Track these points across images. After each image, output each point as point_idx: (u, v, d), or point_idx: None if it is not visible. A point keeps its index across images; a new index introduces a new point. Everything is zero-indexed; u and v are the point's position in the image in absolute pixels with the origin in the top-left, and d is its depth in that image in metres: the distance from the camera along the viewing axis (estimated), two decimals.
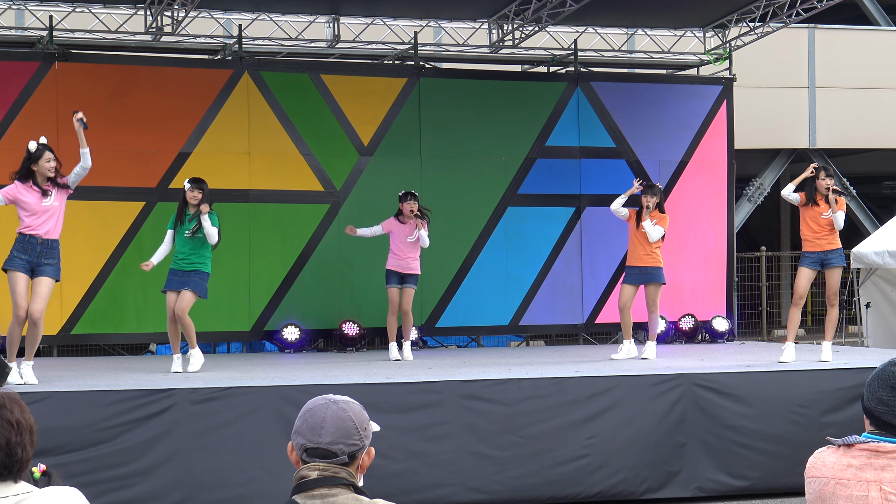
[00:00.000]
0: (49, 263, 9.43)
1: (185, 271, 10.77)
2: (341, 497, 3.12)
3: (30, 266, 9.39)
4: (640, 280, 12.28)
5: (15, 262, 9.38)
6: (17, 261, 9.37)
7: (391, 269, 12.39)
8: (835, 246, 11.28)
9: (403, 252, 12.36)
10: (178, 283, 10.79)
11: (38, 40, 14.30)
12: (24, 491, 3.07)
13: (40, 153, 9.50)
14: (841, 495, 3.28)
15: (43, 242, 9.41)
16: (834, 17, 21.30)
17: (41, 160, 9.47)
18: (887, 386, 3.30)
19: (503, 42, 15.62)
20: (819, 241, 11.26)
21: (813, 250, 11.28)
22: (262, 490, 8.99)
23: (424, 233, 12.29)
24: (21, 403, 3.12)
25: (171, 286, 10.84)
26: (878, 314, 17.04)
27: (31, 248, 9.38)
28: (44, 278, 9.42)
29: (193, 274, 10.78)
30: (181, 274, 10.78)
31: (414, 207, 12.34)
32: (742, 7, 15.07)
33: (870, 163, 24.06)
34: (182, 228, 10.82)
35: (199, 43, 15.07)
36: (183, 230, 10.81)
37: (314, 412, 3.21)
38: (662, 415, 9.95)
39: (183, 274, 10.78)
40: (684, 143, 15.86)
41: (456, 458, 9.47)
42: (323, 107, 14.59)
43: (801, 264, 11.37)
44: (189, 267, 10.78)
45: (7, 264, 9.44)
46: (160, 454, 8.91)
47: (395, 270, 12.37)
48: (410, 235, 12.33)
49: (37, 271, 9.42)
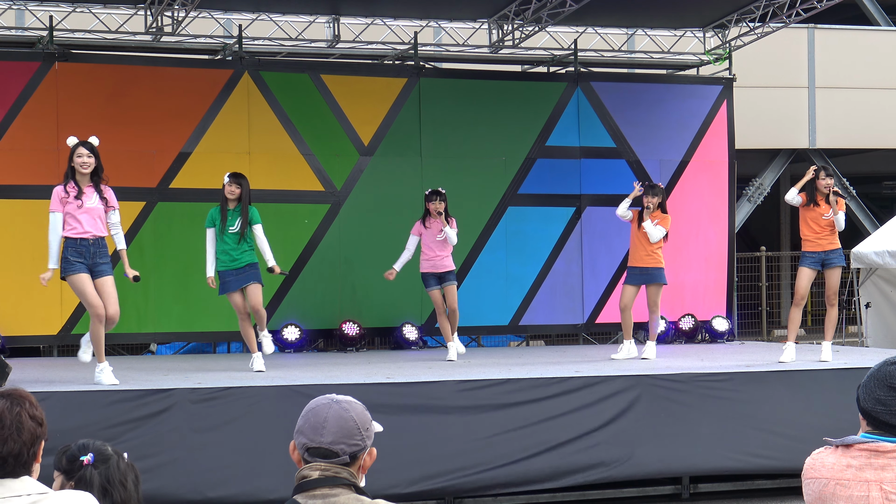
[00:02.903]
0: (105, 262, 9.38)
1: (240, 268, 10.72)
2: (342, 497, 3.12)
3: (87, 268, 9.30)
4: (641, 280, 12.27)
5: (75, 266, 9.27)
6: (76, 265, 9.27)
7: (427, 271, 12.36)
8: (835, 246, 11.28)
9: (434, 251, 12.35)
10: (239, 281, 10.73)
11: (38, 40, 14.30)
12: (39, 491, 3.08)
13: (74, 150, 9.46)
14: (841, 496, 3.28)
15: (94, 242, 9.34)
16: (834, 17, 21.29)
17: (73, 155, 9.42)
18: (884, 385, 3.29)
19: (503, 42, 15.62)
20: (820, 242, 11.26)
21: (814, 250, 11.28)
22: (263, 490, 8.98)
23: (450, 230, 12.30)
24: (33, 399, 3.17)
25: (233, 287, 10.74)
26: (878, 314, 17.04)
27: (85, 250, 9.32)
28: (107, 278, 9.36)
29: (248, 268, 10.76)
30: (237, 272, 10.72)
31: (440, 207, 12.31)
32: (742, 7, 15.07)
33: (870, 163, 24.05)
34: (227, 226, 10.72)
35: (199, 43, 15.07)
36: (227, 227, 10.71)
37: (316, 412, 3.21)
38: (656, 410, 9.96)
39: (239, 271, 10.72)
40: (684, 143, 15.87)
41: (456, 457, 9.47)
42: (323, 107, 14.59)
43: (801, 264, 11.36)
44: (242, 263, 10.74)
45: (66, 271, 9.30)
46: (160, 454, 8.91)
47: (430, 272, 12.35)
48: (439, 234, 12.33)
49: (96, 272, 9.34)
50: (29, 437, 3.07)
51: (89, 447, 3.43)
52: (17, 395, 3.13)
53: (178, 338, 14.28)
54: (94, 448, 3.42)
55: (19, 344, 13.45)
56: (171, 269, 13.79)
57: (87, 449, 3.42)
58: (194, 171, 13.98)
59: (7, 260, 13.31)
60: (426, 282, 12.40)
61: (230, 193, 10.76)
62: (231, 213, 10.77)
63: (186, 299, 13.84)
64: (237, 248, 10.74)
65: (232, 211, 10.77)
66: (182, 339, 14.39)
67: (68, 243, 9.32)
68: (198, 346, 14.62)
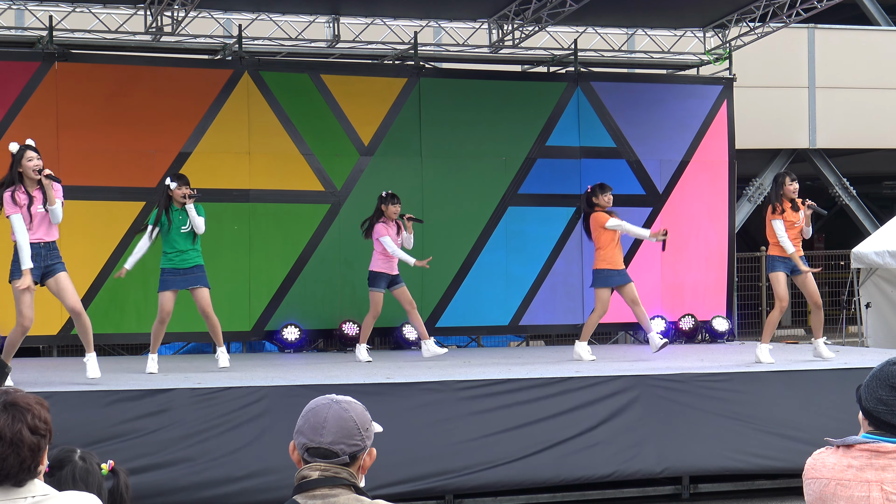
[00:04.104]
0: (58, 261, 9.29)
1: (186, 268, 10.60)
2: (342, 497, 3.12)
3: (40, 273, 9.23)
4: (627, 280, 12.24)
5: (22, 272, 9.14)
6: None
7: (382, 271, 12.28)
8: (801, 252, 11.37)
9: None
10: (182, 281, 10.62)
11: (38, 40, 14.30)
12: (42, 493, 3.07)
13: (21, 153, 9.17)
14: (842, 496, 3.28)
15: (46, 246, 9.26)
16: (834, 17, 21.28)
17: (23, 160, 9.14)
18: (886, 385, 3.29)
19: (503, 42, 15.62)
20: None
21: (785, 257, 11.30)
22: (263, 490, 8.98)
23: (409, 235, 12.36)
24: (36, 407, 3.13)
25: (173, 285, 10.63)
26: (878, 314, 17.04)
27: (37, 255, 9.21)
28: (61, 274, 9.26)
29: (196, 269, 10.65)
30: (183, 272, 10.61)
31: (398, 210, 12.33)
32: (742, 7, 15.07)
33: (870, 163, 24.05)
34: (173, 226, 10.61)
35: (199, 43, 15.06)
36: (176, 226, 10.60)
37: (316, 412, 3.21)
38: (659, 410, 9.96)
39: (185, 272, 10.60)
40: (685, 143, 15.87)
41: (456, 456, 9.47)
42: (323, 107, 14.59)
43: (776, 269, 11.32)
44: (189, 263, 10.63)
45: (14, 275, 9.18)
46: (159, 454, 8.91)
47: (385, 273, 12.31)
48: (398, 237, 12.32)
49: (49, 273, 9.25)
50: (28, 452, 3.05)
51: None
52: (21, 408, 3.09)
53: (178, 338, 14.27)
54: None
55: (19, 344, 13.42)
56: None
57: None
58: (194, 171, 13.95)
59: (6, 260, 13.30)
60: (376, 282, 12.28)
61: (180, 196, 10.58)
62: (177, 211, 10.63)
63: (186, 299, 13.82)
64: (187, 248, 10.60)
65: (179, 210, 10.64)
66: (182, 339, 14.39)
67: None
68: (198, 346, 14.62)
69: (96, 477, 3.44)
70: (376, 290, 12.29)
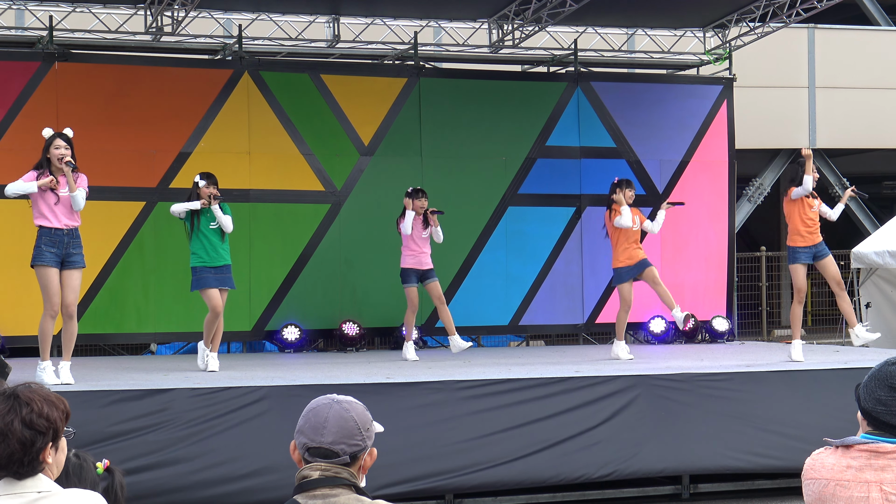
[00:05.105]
0: (78, 253, 9.34)
1: (219, 266, 10.76)
2: (343, 497, 3.12)
3: (60, 259, 9.27)
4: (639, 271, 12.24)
5: (46, 257, 9.21)
6: (47, 255, 9.20)
7: (410, 267, 12.38)
8: (821, 238, 11.55)
9: (419, 247, 12.40)
10: (216, 280, 10.74)
11: (38, 40, 14.30)
12: (46, 489, 3.08)
13: (51, 141, 9.33)
14: (841, 496, 3.28)
15: (69, 233, 9.31)
16: (834, 17, 21.28)
17: (50, 147, 9.30)
18: (885, 386, 3.29)
19: (503, 42, 15.62)
20: (812, 236, 11.45)
21: (807, 245, 11.38)
22: (263, 489, 8.98)
23: (438, 229, 12.40)
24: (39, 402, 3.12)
25: (213, 283, 10.72)
26: (878, 314, 17.02)
27: (59, 240, 9.28)
28: (76, 271, 9.32)
29: (225, 269, 10.82)
30: (217, 270, 10.75)
31: (425, 204, 12.37)
32: (742, 7, 15.07)
33: (870, 163, 24.04)
34: (202, 223, 10.73)
35: (199, 43, 15.07)
36: (205, 223, 10.72)
37: (317, 412, 3.21)
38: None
39: (218, 270, 10.75)
40: (685, 143, 15.87)
41: (456, 456, 9.47)
42: (323, 107, 14.59)
43: (796, 261, 11.42)
44: (221, 262, 10.79)
45: (37, 259, 9.24)
46: (160, 454, 8.91)
47: (414, 268, 12.39)
48: (424, 231, 12.38)
49: (68, 263, 9.29)
50: (18, 445, 3.04)
51: None
52: (20, 400, 3.09)
53: (178, 338, 14.28)
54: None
55: (19, 344, 13.43)
56: (171, 269, 13.77)
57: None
58: (194, 171, 13.89)
59: (6, 260, 13.31)
60: (407, 278, 12.38)
61: (206, 194, 10.76)
62: (205, 210, 10.78)
63: (186, 299, 13.83)
64: (220, 246, 10.78)
65: (206, 209, 10.79)
66: (182, 339, 14.39)
67: (43, 233, 9.24)
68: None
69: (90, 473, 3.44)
70: (408, 285, 12.39)
